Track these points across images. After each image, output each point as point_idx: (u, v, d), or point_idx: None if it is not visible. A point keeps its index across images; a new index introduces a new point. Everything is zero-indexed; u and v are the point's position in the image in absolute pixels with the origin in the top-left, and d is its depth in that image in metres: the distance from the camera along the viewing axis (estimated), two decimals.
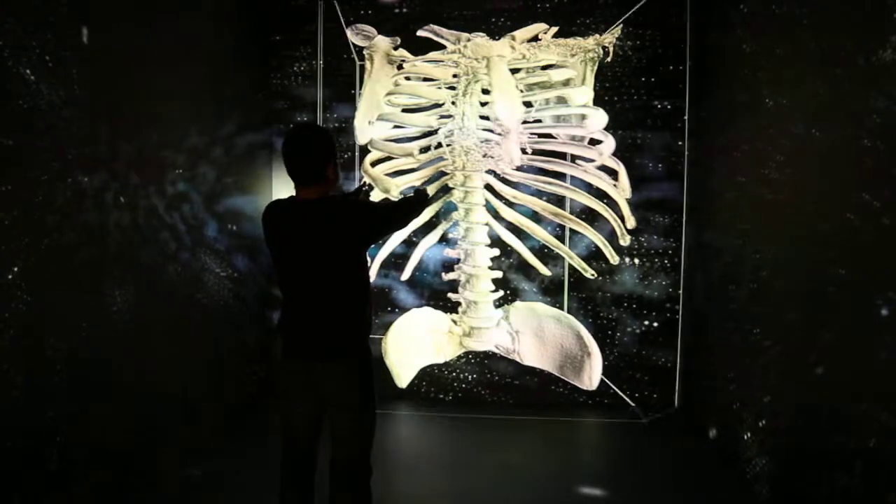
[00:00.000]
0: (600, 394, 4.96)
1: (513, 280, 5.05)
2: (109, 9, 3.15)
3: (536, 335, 4.14)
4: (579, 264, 4.09)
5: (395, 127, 4.03)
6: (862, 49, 2.59)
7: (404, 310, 5.01)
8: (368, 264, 2.59)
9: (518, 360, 4.17)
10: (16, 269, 2.54)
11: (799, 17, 3.19)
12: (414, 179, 4.13)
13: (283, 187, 5.05)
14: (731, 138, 4.08)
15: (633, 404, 4.88)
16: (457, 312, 4.22)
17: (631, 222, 3.89)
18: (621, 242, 3.95)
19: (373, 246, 3.59)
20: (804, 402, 3.09)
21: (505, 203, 4.16)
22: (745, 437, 3.68)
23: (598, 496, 3.59)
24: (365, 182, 2.92)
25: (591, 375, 3.99)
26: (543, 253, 4.72)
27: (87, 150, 2.99)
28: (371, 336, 2.59)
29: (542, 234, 4.14)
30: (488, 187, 4.16)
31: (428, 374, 5.05)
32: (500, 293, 4.11)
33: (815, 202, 3.03)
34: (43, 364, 2.70)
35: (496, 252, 4.12)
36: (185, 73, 3.96)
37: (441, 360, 4.34)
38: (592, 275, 4.07)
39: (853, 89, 2.69)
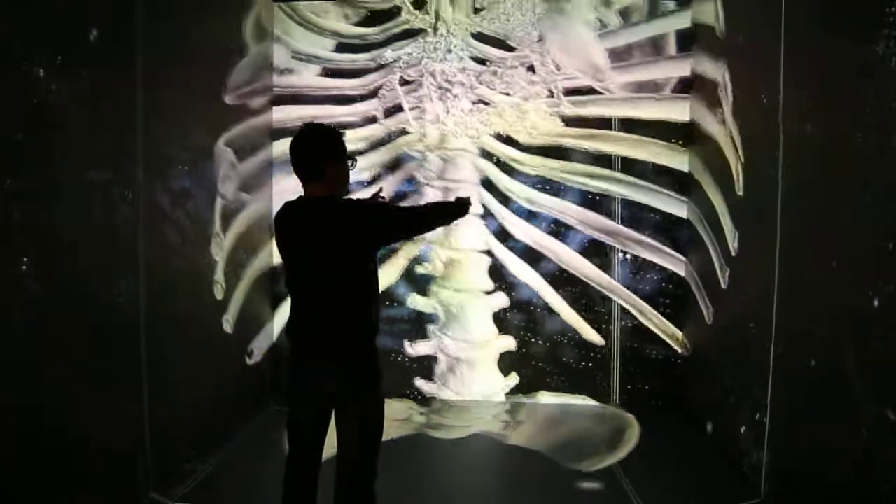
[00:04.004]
0: (598, 390, 5.12)
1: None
2: (117, 7, 3.21)
3: None
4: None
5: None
6: None
7: (403, 304, 5.22)
8: (377, 264, 2.59)
9: None
10: (25, 258, 2.55)
11: None
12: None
13: (283, 186, 5.21)
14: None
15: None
16: None
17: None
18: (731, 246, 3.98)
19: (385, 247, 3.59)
20: (799, 396, 3.09)
21: (517, 211, 4.53)
22: (742, 430, 3.71)
23: (597, 489, 3.63)
24: (381, 188, 3.00)
25: None
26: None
27: (95, 146, 3.01)
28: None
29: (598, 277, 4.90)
30: (486, 183, 4.41)
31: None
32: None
33: (809, 197, 3.07)
34: (50, 356, 2.70)
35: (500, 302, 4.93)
36: (190, 72, 4.00)
37: None
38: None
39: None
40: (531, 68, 5.12)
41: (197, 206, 4.08)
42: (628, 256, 5.10)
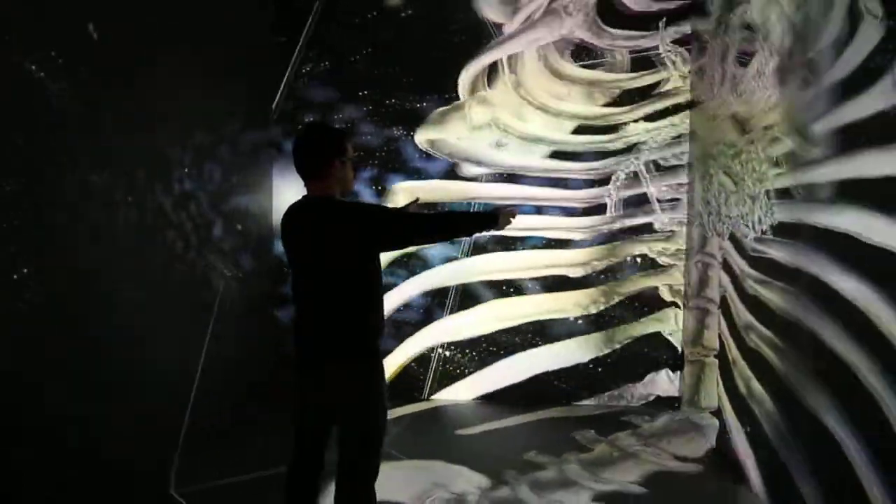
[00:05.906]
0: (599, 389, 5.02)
1: None
2: (117, 6, 3.17)
3: None
4: None
5: None
6: None
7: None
8: (379, 265, 2.54)
9: None
10: (25, 269, 2.54)
11: None
12: None
13: (285, 186, 5.11)
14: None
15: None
16: None
17: None
18: None
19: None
20: (795, 397, 3.06)
21: None
22: (747, 430, 3.68)
23: (598, 486, 3.62)
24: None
25: None
26: None
27: (95, 147, 3.00)
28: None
29: None
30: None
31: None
32: None
33: None
34: (50, 362, 2.71)
35: None
36: (191, 71, 3.97)
37: None
38: None
39: None
40: None
41: (199, 207, 4.05)
42: None
